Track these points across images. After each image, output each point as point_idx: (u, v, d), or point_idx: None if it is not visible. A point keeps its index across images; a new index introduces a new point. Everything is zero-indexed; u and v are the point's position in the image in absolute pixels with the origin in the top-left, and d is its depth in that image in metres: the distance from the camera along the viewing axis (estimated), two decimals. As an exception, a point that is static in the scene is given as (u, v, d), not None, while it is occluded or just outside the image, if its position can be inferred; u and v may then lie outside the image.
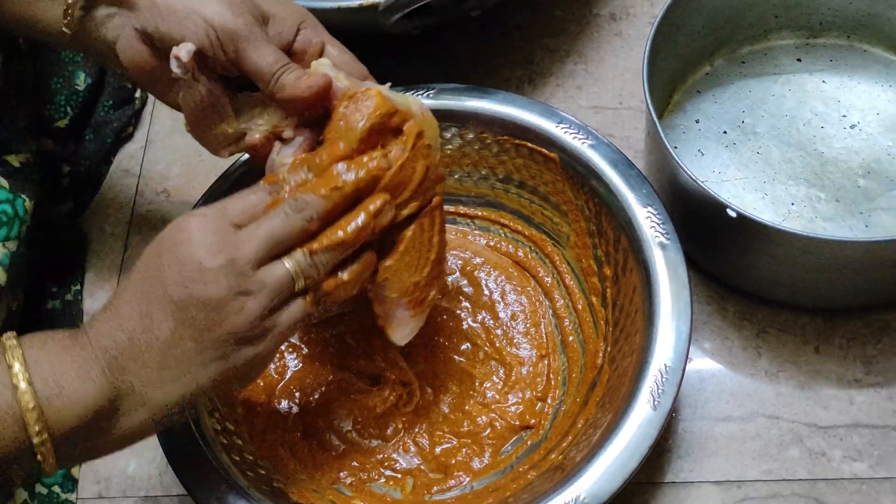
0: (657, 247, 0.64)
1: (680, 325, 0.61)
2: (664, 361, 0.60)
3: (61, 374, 0.49)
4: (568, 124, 0.70)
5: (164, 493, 0.69)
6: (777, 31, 0.83)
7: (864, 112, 0.79)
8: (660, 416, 0.58)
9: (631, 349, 0.63)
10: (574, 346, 0.70)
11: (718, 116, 0.80)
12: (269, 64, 0.57)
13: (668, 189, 0.71)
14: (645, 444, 0.58)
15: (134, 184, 0.84)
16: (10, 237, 0.66)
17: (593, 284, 0.70)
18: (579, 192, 0.70)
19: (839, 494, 0.65)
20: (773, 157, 0.77)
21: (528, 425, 0.68)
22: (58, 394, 0.48)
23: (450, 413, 0.69)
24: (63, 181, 0.79)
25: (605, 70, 0.86)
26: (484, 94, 0.72)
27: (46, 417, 0.48)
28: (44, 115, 0.78)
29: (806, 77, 0.81)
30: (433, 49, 0.88)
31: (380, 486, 0.66)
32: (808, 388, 0.70)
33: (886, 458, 0.66)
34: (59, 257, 0.77)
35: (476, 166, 0.74)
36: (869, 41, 0.82)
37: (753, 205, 0.75)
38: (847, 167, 0.76)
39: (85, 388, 0.49)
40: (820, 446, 0.67)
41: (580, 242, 0.71)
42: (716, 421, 0.69)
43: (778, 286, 0.71)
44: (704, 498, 0.66)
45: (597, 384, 0.66)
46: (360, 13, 0.73)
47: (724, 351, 0.72)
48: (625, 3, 0.90)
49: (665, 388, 0.59)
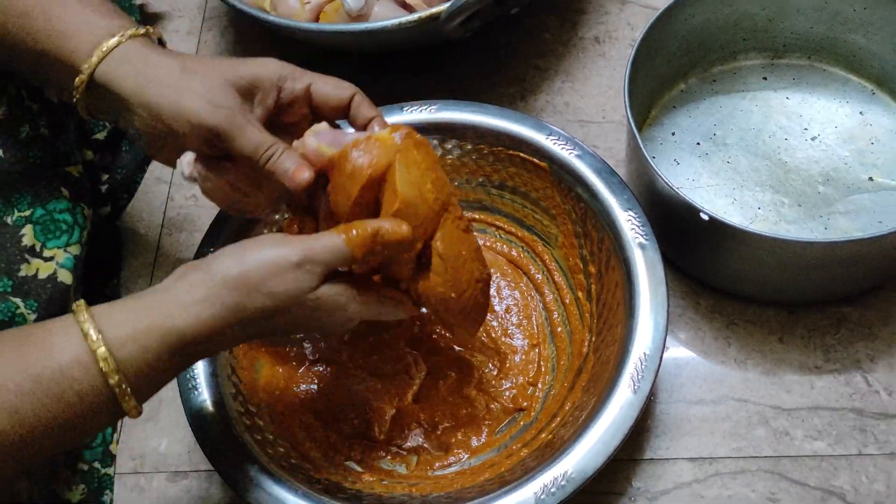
0: (637, 247, 0.64)
1: (657, 318, 0.61)
2: (643, 350, 0.60)
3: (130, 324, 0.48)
4: (556, 136, 0.70)
5: (193, 469, 0.69)
6: (745, 53, 0.83)
7: (824, 125, 0.79)
8: (639, 400, 0.58)
9: (613, 339, 0.63)
10: (562, 337, 0.70)
11: (692, 129, 0.79)
12: (254, 149, 0.55)
13: (647, 195, 0.71)
14: (626, 424, 0.58)
15: (165, 190, 0.84)
16: (71, 242, 0.66)
17: (579, 281, 0.70)
18: (567, 198, 0.70)
19: (801, 470, 0.65)
20: (742, 166, 0.77)
21: (521, 408, 0.68)
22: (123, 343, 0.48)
23: (449, 397, 0.68)
24: (102, 188, 0.80)
25: (589, 88, 0.86)
26: (480, 108, 0.72)
27: (118, 363, 0.47)
28: (85, 128, 0.78)
29: (771, 94, 0.81)
30: (438, 69, 0.88)
31: (387, 462, 0.66)
32: (772, 375, 0.69)
33: (843, 438, 0.66)
34: (98, 256, 0.77)
35: (474, 174, 0.74)
36: (828, 62, 0.82)
37: (724, 209, 0.75)
38: (808, 175, 0.76)
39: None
40: (784, 426, 0.67)
41: (567, 243, 0.71)
42: (690, 404, 0.69)
43: (746, 282, 0.71)
44: (680, 473, 0.66)
45: (582, 371, 0.65)
46: (422, 25, 0.73)
47: (698, 341, 0.72)
48: (608, 27, 0.90)
49: (644, 374, 0.59)
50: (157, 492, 0.68)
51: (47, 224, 0.66)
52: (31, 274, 0.64)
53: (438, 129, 0.72)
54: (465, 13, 0.72)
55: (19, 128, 0.65)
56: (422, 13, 0.73)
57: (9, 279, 0.62)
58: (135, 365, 0.48)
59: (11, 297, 0.62)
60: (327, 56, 0.78)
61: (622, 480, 0.65)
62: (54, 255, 0.65)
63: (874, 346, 0.70)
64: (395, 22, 0.73)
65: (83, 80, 0.55)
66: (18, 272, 0.63)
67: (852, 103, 0.79)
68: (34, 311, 0.63)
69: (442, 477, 0.64)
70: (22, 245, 0.64)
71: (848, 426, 0.66)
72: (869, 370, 0.69)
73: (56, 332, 0.48)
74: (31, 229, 0.65)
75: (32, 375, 0.46)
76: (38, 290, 0.63)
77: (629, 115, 0.69)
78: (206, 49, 0.92)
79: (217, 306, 0.49)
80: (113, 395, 0.47)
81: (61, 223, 0.66)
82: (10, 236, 0.64)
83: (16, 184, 0.64)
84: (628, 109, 0.69)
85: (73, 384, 0.46)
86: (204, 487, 0.68)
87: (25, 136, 0.65)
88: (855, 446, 0.66)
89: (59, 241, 0.66)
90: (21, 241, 0.64)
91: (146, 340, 0.48)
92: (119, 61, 0.55)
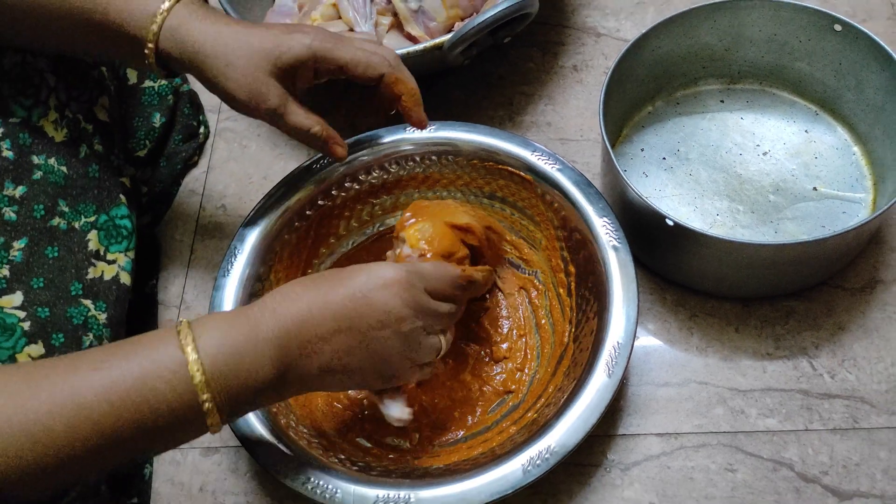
0: (611, 249, 0.64)
1: (629, 311, 0.61)
2: (617, 339, 0.60)
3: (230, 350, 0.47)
4: (540, 152, 0.70)
5: (223, 445, 0.69)
6: (705, 79, 0.83)
7: (774, 142, 0.79)
8: (613, 382, 0.58)
9: (590, 329, 0.63)
10: (546, 328, 0.70)
11: (659, 146, 0.80)
12: (297, 131, 0.58)
13: (620, 203, 0.71)
14: (602, 404, 0.58)
15: (198, 201, 0.84)
16: (129, 248, 0.66)
17: (560, 279, 0.70)
18: (549, 206, 0.70)
19: (755, 444, 0.65)
20: (702, 178, 0.77)
21: (510, 390, 0.68)
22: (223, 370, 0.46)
23: (447, 381, 0.69)
24: (142, 199, 0.80)
25: (569, 110, 0.86)
26: (473, 128, 0.72)
27: (212, 388, 0.46)
28: (128, 147, 0.78)
29: (728, 115, 0.81)
30: (432, 95, 0.88)
31: (392, 438, 0.66)
32: (730, 360, 0.70)
33: (792, 415, 0.66)
34: (140, 259, 0.77)
35: (468, 186, 0.74)
36: (777, 87, 0.82)
37: (687, 215, 0.75)
38: (760, 186, 0.76)
39: (255, 364, 0.48)
40: (740, 406, 0.67)
41: (550, 246, 0.71)
42: (657, 386, 0.69)
43: (706, 279, 0.71)
44: (649, 447, 0.66)
45: (564, 357, 0.66)
46: (426, 54, 0.73)
47: (664, 331, 0.72)
48: (584, 57, 0.90)
49: (618, 360, 0.59)
50: (192, 465, 0.68)
51: (110, 230, 0.65)
52: (98, 276, 0.63)
53: (437, 145, 0.72)
54: (466, 42, 0.72)
55: (79, 147, 0.65)
56: (427, 43, 0.73)
57: (79, 283, 0.61)
58: (225, 380, 0.46)
59: (83, 299, 0.61)
60: (340, 82, 0.77)
61: (598, 454, 0.65)
62: (116, 259, 0.65)
63: (818, 336, 0.70)
64: (403, 52, 0.73)
65: (151, 52, 0.56)
66: (87, 275, 0.62)
67: (798, 123, 0.80)
68: (104, 312, 0.62)
69: (441, 450, 0.65)
70: (88, 250, 0.63)
71: (796, 405, 0.67)
72: (814, 356, 0.69)
73: (157, 344, 0.46)
74: (96, 234, 0.64)
75: (134, 377, 0.44)
76: (105, 291, 0.63)
77: (604, 133, 0.69)
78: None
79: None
80: (200, 408, 0.46)
81: (122, 229, 0.66)
82: (78, 241, 0.63)
83: (81, 194, 0.64)
84: (603, 129, 0.70)
85: (166, 391, 0.45)
86: (233, 461, 0.68)
87: (84, 155, 0.65)
88: (802, 423, 0.66)
89: (121, 246, 0.65)
90: (87, 245, 0.63)
91: (240, 352, 0.47)
92: (170, 37, 0.56)
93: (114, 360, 0.45)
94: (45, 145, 0.62)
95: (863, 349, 0.69)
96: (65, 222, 0.62)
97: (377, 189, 0.74)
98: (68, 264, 0.61)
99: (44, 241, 0.60)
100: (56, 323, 0.58)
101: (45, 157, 0.61)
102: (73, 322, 0.59)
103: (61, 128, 0.63)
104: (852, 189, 0.75)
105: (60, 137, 0.63)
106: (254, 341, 0.48)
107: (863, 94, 0.76)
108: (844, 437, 0.65)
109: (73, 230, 0.63)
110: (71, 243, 0.62)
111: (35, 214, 0.60)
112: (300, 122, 0.58)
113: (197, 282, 0.78)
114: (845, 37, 0.75)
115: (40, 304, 0.58)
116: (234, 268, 0.67)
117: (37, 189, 0.60)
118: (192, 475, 0.68)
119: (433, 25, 0.80)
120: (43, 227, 0.60)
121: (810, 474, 0.64)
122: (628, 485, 0.64)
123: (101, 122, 0.68)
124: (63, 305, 0.59)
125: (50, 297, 0.58)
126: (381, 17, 0.82)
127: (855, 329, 0.70)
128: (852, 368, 0.68)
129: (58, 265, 0.60)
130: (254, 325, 0.48)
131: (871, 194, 0.75)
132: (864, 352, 0.69)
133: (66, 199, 0.62)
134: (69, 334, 0.58)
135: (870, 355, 0.69)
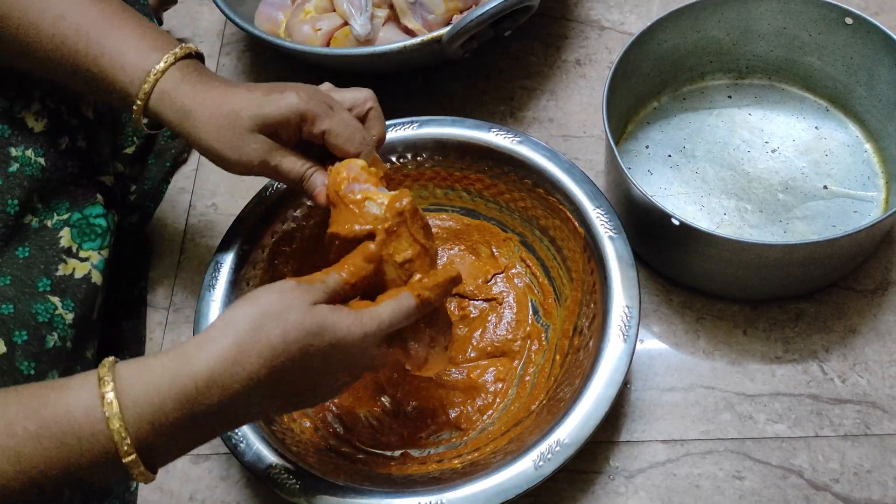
0: (607, 239, 0.64)
1: (629, 280, 0.62)
2: (623, 309, 0.61)
3: (151, 394, 0.45)
4: (530, 144, 0.69)
5: (213, 452, 0.69)
6: (712, 74, 0.83)
7: (783, 139, 0.79)
8: (628, 349, 0.59)
9: (594, 312, 0.64)
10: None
11: (664, 143, 0.80)
12: (292, 179, 0.58)
13: (624, 202, 0.71)
14: (619, 376, 0.58)
15: (188, 199, 0.83)
16: (104, 246, 0.66)
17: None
18: (548, 200, 0.70)
19: (763, 450, 0.65)
20: (709, 176, 0.77)
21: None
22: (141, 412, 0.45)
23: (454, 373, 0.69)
24: (131, 197, 0.80)
25: (572, 105, 0.86)
26: (456, 122, 0.71)
27: (132, 433, 0.44)
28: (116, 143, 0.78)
29: (735, 111, 0.81)
30: (433, 88, 0.88)
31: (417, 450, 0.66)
32: (737, 364, 0.70)
33: (801, 421, 0.66)
34: (128, 260, 0.77)
35: (445, 180, 0.74)
36: (786, 82, 0.82)
37: (693, 214, 0.75)
38: (769, 184, 0.76)
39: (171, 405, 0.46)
40: (747, 411, 0.67)
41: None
42: (663, 391, 0.69)
43: (713, 281, 0.71)
44: (654, 453, 0.66)
45: (569, 351, 0.65)
46: (425, 47, 0.73)
47: (670, 334, 0.72)
48: (588, 51, 0.90)
49: (630, 323, 0.60)
50: (182, 472, 0.68)
51: (83, 227, 0.65)
52: (68, 273, 0.63)
53: (422, 141, 0.72)
54: (466, 35, 0.72)
55: (59, 139, 0.65)
56: (424, 37, 0.73)
57: (47, 279, 0.62)
58: (143, 419, 0.45)
59: (50, 296, 0.61)
60: (336, 76, 0.78)
61: (602, 461, 0.65)
62: (89, 257, 0.65)
63: (829, 339, 0.70)
64: (400, 45, 0.72)
65: (140, 109, 0.57)
66: (56, 272, 0.63)
67: (808, 119, 0.80)
68: (70, 311, 0.62)
69: (430, 457, 0.64)
70: (60, 246, 0.63)
71: (806, 410, 0.67)
72: (824, 360, 0.69)
73: (74, 384, 0.45)
74: (69, 232, 0.64)
75: (41, 419, 0.43)
76: (74, 289, 0.63)
77: (607, 130, 0.69)
78: (224, 71, 0.92)
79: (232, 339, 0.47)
80: (114, 446, 0.44)
81: (96, 227, 0.66)
82: (50, 238, 0.63)
83: (56, 190, 0.64)
84: (606, 125, 0.70)
85: (75, 428, 0.43)
86: (224, 468, 0.68)
87: (65, 148, 0.65)
88: (812, 429, 0.66)
89: (94, 244, 0.66)
90: (59, 242, 0.64)
91: (160, 391, 0.45)
92: (160, 99, 0.56)
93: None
94: (24, 136, 0.62)
95: (875, 353, 0.69)
96: (37, 220, 0.63)
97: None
98: (37, 261, 0.62)
99: (15, 240, 0.61)
100: (19, 319, 0.58)
101: (24, 148, 0.62)
102: (37, 319, 0.60)
103: (42, 118, 0.64)
104: (864, 187, 0.75)
105: (40, 128, 0.63)
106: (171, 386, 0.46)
107: (875, 90, 0.76)
108: (856, 444, 0.65)
109: (44, 228, 0.63)
110: (42, 242, 0.63)
111: (9, 210, 0.61)
112: (292, 168, 0.58)
113: (186, 283, 0.78)
114: (857, 30, 0.74)
115: (4, 300, 0.58)
116: (218, 283, 0.67)
117: (12, 182, 0.61)
118: (182, 483, 0.68)
119: (431, 18, 0.80)
120: (15, 225, 0.61)
121: (820, 482, 0.64)
122: (633, 493, 0.64)
123: (86, 118, 0.68)
124: (28, 301, 0.60)
125: (15, 293, 0.59)
126: (377, 9, 0.82)
127: (867, 332, 0.70)
128: (864, 373, 0.68)
129: (26, 263, 0.61)
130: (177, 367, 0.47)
131: (883, 193, 0.75)
132: (876, 355, 0.69)
133: (40, 195, 0.63)
134: (32, 332, 0.59)
135: (882, 359, 0.69)
